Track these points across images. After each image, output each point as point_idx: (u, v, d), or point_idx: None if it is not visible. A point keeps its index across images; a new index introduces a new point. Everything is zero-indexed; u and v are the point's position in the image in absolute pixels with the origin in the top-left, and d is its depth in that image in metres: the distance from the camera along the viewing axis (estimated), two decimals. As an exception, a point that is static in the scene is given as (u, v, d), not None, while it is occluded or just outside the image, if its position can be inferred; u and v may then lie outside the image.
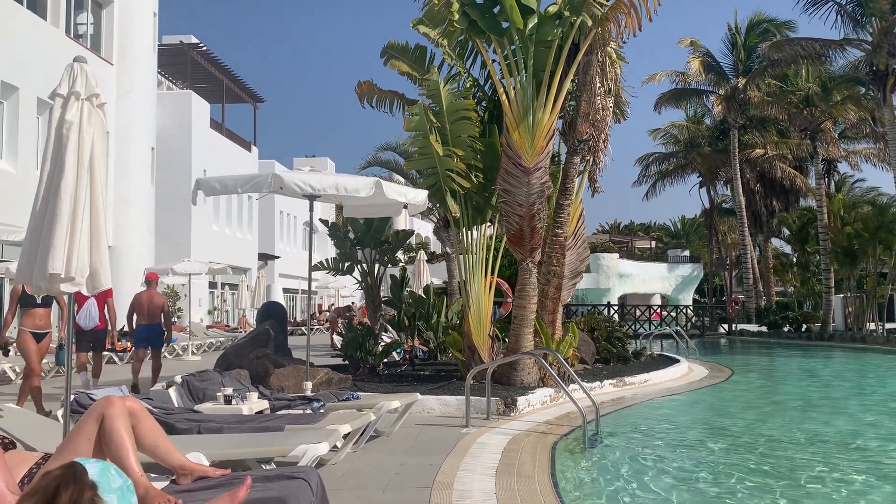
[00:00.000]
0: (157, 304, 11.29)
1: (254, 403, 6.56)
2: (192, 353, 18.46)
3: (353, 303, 27.26)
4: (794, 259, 35.64)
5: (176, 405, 6.71)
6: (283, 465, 4.99)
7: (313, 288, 42.33)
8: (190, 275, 19.66)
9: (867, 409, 10.57)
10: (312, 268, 9.36)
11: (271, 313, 11.84)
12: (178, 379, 7.17)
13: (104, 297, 10.19)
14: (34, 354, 8.42)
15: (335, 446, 5.83)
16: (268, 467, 5.18)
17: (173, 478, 3.41)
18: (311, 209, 8.25)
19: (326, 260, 13.34)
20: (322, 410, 6.42)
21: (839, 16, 23.75)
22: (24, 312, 8.51)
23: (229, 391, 6.71)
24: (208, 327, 25.58)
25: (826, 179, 31.31)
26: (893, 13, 22.29)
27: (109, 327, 10.53)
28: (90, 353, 10.41)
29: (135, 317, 11.21)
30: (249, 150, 34.18)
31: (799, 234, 32.46)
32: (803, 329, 29.66)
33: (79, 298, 10.80)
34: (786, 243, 40.00)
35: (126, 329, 12.51)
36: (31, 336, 8.41)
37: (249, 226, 34.62)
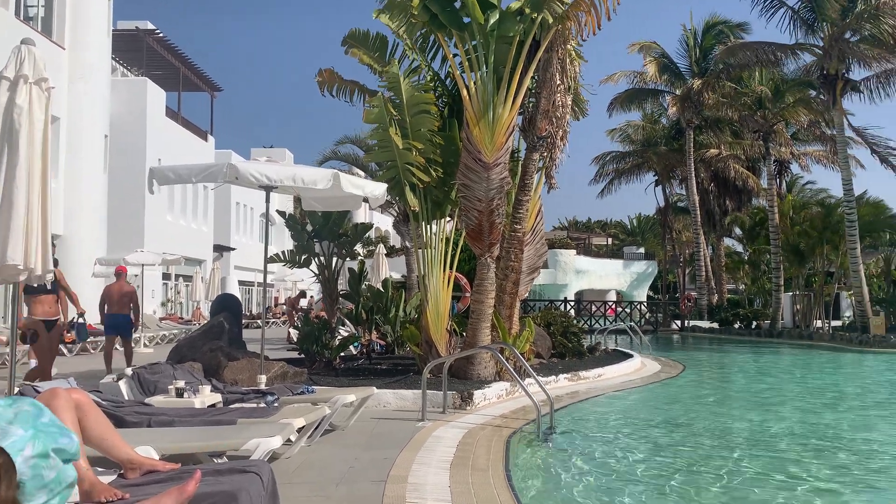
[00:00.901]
0: (126, 294, 11.86)
1: (206, 397, 6.46)
2: (145, 345, 18.11)
3: (303, 290, 26.95)
4: (746, 257, 36.49)
5: (126, 398, 6.57)
6: (236, 459, 4.93)
7: (270, 281, 41.82)
8: (143, 265, 19.25)
9: (810, 403, 10.88)
10: (268, 260, 9.25)
11: (226, 306, 11.67)
12: (129, 371, 7.03)
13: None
14: (48, 354, 8.19)
15: (289, 440, 5.78)
16: (220, 461, 5.11)
17: (121, 472, 3.34)
18: (268, 200, 8.15)
19: (283, 252, 13.18)
20: (276, 404, 6.36)
21: (792, 21, 24.34)
22: (31, 300, 8.18)
23: (181, 384, 6.59)
24: (161, 319, 25.11)
25: (777, 180, 32.09)
26: (844, 19, 22.91)
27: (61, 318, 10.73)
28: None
29: (105, 307, 11.88)
30: (206, 139, 33.59)
31: (750, 232, 33.28)
32: (753, 326, 30.42)
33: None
34: (738, 242, 40.92)
35: (75, 321, 12.67)
36: (44, 326, 8.10)
37: (205, 216, 34.05)
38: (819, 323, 28.00)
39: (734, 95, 30.34)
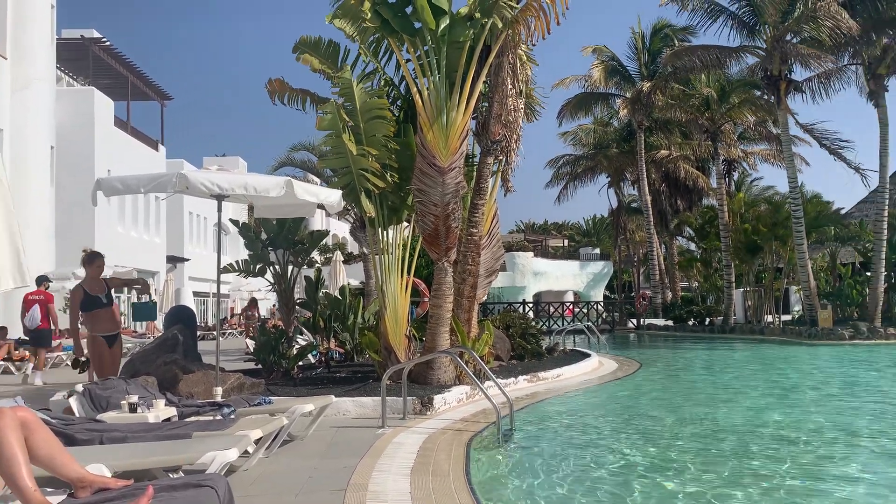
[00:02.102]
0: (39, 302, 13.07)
1: (160, 411, 6.34)
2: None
3: (254, 298, 26.59)
4: (698, 255, 37.24)
5: (77, 415, 6.41)
6: (191, 474, 4.85)
7: (225, 291, 41.17)
8: (93, 279, 18.76)
9: (765, 397, 11.15)
10: (222, 270, 9.13)
11: (180, 317, 11.45)
12: (80, 387, 6.85)
13: (46, 302, 12.52)
14: (108, 369, 7.82)
15: (246, 452, 5.71)
16: (175, 476, 5.02)
17: (71, 492, 3.26)
18: (220, 210, 8.05)
19: (237, 262, 13.00)
20: (232, 416, 6.27)
21: (733, 27, 24.93)
22: (90, 316, 7.80)
23: (134, 399, 6.45)
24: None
25: (726, 179, 32.87)
26: (783, 22, 23.57)
27: (53, 327, 12.47)
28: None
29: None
30: (157, 148, 32.96)
31: (700, 231, 33.99)
32: (707, 322, 31.05)
33: (27, 303, 13.39)
34: (690, 240, 41.75)
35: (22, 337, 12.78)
36: (104, 341, 7.75)
37: (157, 227, 33.39)
38: (770, 318, 28.72)
39: (682, 97, 30.97)
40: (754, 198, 33.37)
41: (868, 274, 25.91)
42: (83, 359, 7.96)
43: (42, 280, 14.08)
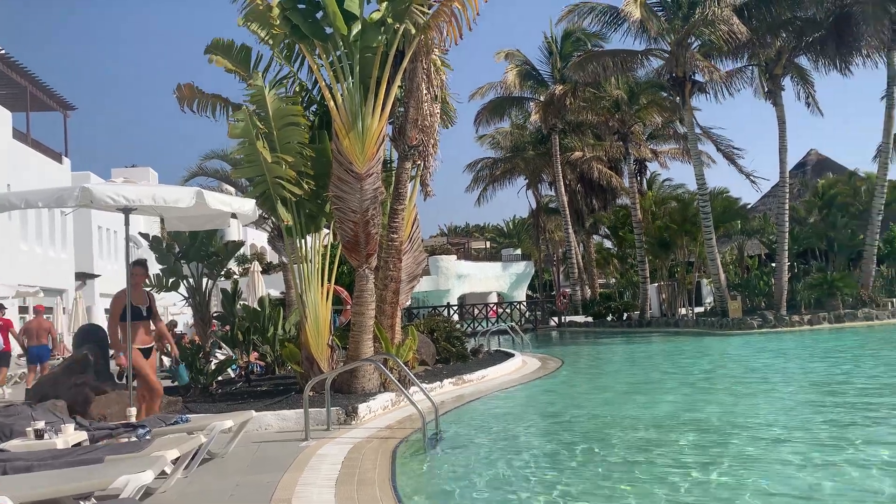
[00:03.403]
0: (44, 329, 14.15)
1: (70, 436, 6.04)
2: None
3: (173, 320, 25.74)
4: (614, 252, 38.30)
5: (-24, 446, 6.02)
6: (104, 499, 4.65)
7: (140, 306, 39.72)
8: (-6, 299, 17.76)
9: (682, 387, 11.54)
10: (134, 285, 8.78)
11: (90, 337, 10.97)
12: (-21, 417, 6.46)
13: (7, 326, 13.50)
14: (150, 370, 7.74)
15: (164, 473, 5.51)
16: (86, 503, 4.80)
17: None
18: (127, 223, 7.74)
19: (150, 276, 12.54)
20: (148, 437, 6.04)
21: (637, 33, 25.79)
22: (124, 327, 7.53)
23: (41, 425, 6.12)
24: (19, 356, 23.24)
25: (638, 178, 33.90)
26: (684, 26, 24.51)
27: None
28: None
29: (25, 340, 13.89)
30: (61, 161, 31.48)
31: (614, 229, 35.01)
32: (624, 317, 31.96)
33: None
34: (606, 238, 42.90)
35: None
36: (141, 354, 7.58)
37: (63, 243, 31.87)
38: (683, 310, 29.80)
39: (594, 100, 31.80)
40: (664, 195, 34.56)
41: (773, 265, 27.22)
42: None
43: None
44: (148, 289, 9.34)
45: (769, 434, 7.31)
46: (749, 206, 34.85)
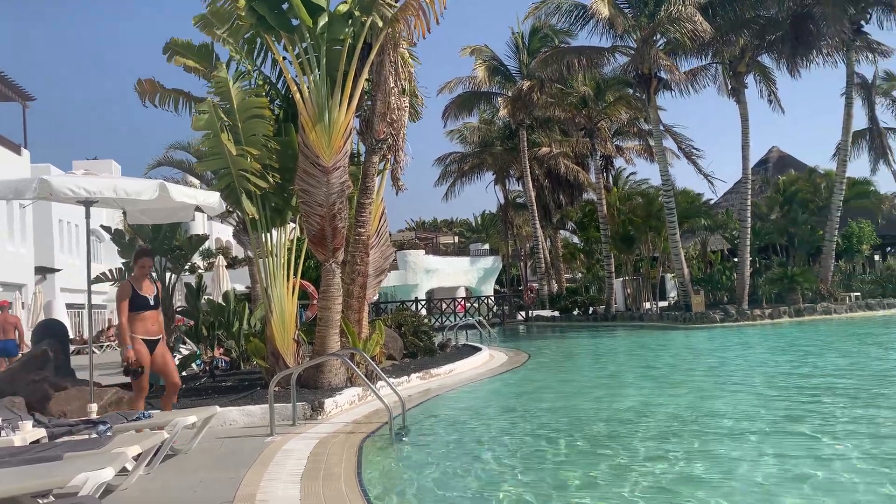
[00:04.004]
0: (10, 323, 14.49)
1: (27, 433, 5.90)
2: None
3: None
4: (581, 247, 38.63)
5: (-70, 445, 5.87)
6: (63, 497, 4.57)
7: (101, 302, 39.07)
8: (-52, 295, 17.35)
9: (645, 380, 11.70)
10: (95, 280, 8.63)
11: (49, 332, 10.72)
12: (-68, 415, 6.28)
13: None
14: (165, 363, 7.33)
15: (125, 470, 5.43)
16: (44, 501, 4.71)
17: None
18: (88, 216, 7.58)
19: (111, 270, 12.32)
20: (109, 433, 5.92)
21: (604, 30, 26.02)
22: (133, 317, 7.09)
23: (-3, 422, 5.99)
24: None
25: (604, 174, 34.18)
26: (650, 23, 24.76)
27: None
28: None
29: None
30: (19, 153, 30.72)
31: (581, 224, 35.32)
32: (590, 311, 32.27)
33: None
34: (572, 233, 43.25)
35: None
36: (144, 344, 7.09)
37: (23, 237, 31.13)
38: (648, 304, 30.19)
39: (561, 96, 31.98)
40: (630, 191, 34.94)
41: (735, 260, 27.70)
42: (139, 368, 7.16)
43: None
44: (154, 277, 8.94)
45: (727, 426, 7.43)
46: (712, 202, 35.40)
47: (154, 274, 8.29)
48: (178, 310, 13.36)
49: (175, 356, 11.56)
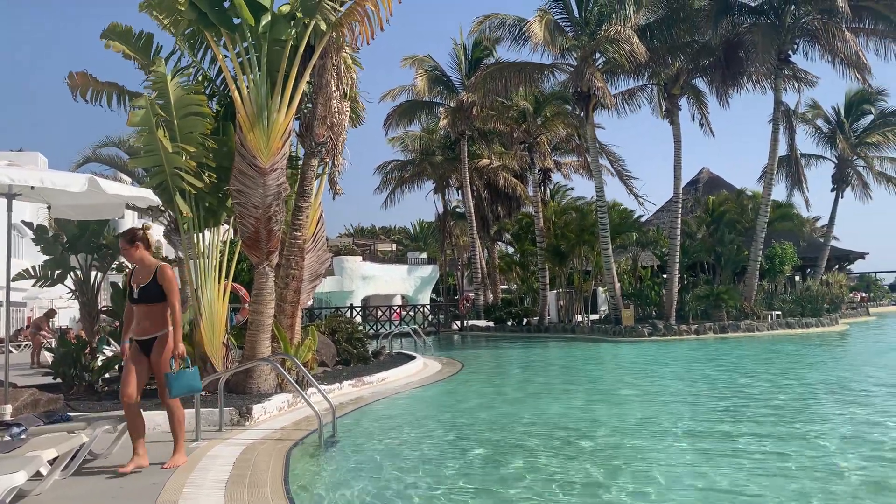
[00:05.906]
0: None
1: (-66, 435, 5.61)
2: None
3: (52, 309, 24.39)
4: (517, 259, 39.07)
5: None
6: (-30, 503, 4.35)
7: (21, 299, 37.37)
8: None
9: (573, 391, 11.88)
10: (16, 277, 8.27)
11: (-38, 329, 10.25)
12: None
13: None
14: (131, 375, 5.98)
15: (39, 474, 5.21)
16: (-51, 507, 4.48)
17: None
18: (10, 209, 7.28)
19: (34, 267, 11.83)
20: (24, 436, 5.68)
21: (543, 48, 26.47)
22: (128, 313, 6.16)
23: None
24: None
25: (542, 188, 34.73)
26: (591, 41, 25.32)
27: None
28: None
29: None
30: (-65, 140, 29.24)
31: (517, 236, 35.75)
32: (524, 322, 32.63)
33: None
34: (509, 245, 43.75)
35: None
36: (136, 346, 6.03)
37: (-64, 229, 29.62)
38: (580, 317, 30.72)
39: (501, 109, 32.36)
40: (566, 205, 35.57)
41: (665, 276, 28.47)
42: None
43: None
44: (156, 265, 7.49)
45: (648, 433, 7.62)
46: (644, 220, 36.35)
47: (129, 264, 6.45)
48: (103, 309, 12.91)
49: (98, 357, 11.17)
